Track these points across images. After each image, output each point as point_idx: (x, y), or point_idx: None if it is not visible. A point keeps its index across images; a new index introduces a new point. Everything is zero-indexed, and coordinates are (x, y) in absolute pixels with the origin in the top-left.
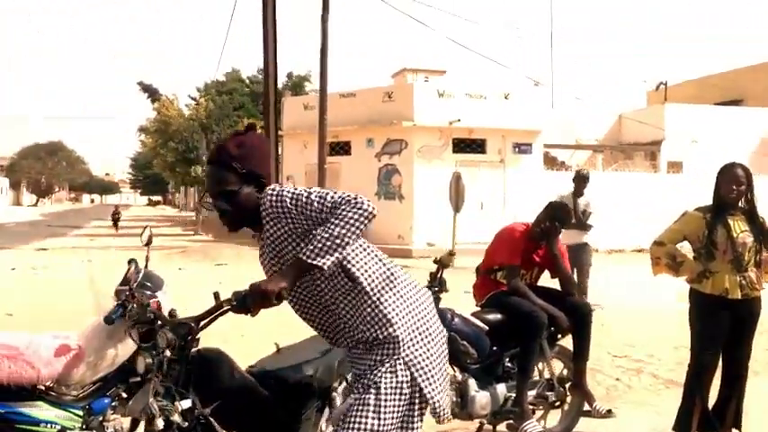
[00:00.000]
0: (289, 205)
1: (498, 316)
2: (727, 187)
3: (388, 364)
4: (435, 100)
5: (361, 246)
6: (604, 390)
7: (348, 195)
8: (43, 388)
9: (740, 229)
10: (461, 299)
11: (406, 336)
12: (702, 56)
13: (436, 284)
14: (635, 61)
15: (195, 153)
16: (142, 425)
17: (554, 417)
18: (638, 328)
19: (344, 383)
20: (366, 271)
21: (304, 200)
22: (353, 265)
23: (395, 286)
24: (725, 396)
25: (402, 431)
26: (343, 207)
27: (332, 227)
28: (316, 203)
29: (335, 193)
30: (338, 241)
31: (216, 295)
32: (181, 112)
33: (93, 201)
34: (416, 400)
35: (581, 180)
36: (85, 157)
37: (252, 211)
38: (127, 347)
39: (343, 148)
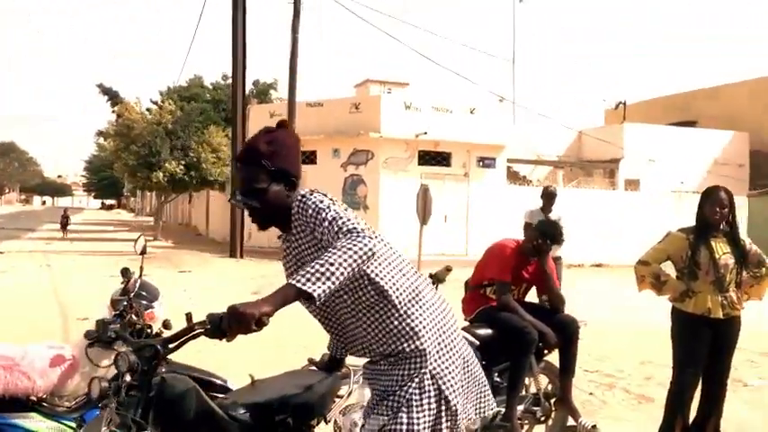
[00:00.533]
0: (310, 215)
1: (488, 331)
2: (711, 210)
3: (416, 380)
4: (402, 112)
5: (387, 260)
6: (580, 405)
7: (354, 227)
8: (35, 399)
9: (722, 250)
10: None
11: (432, 348)
12: (659, 75)
13: None
14: (593, 79)
15: (157, 158)
16: None
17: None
18: (605, 343)
19: (324, 422)
20: (394, 284)
21: (322, 216)
22: (381, 279)
23: (421, 299)
24: (704, 412)
25: None
26: (344, 238)
27: (329, 255)
28: (326, 224)
29: (348, 220)
30: (333, 269)
31: (188, 317)
32: (144, 116)
33: (44, 203)
34: (443, 413)
35: (549, 197)
36: (38, 158)
37: (281, 210)
38: None
39: (308, 158)
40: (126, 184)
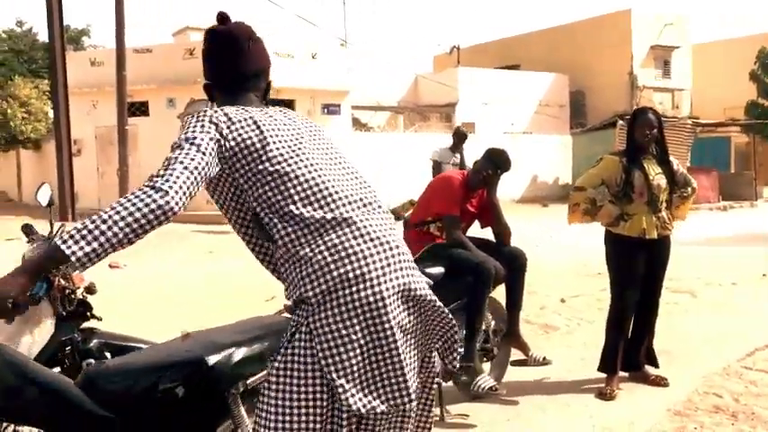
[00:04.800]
0: None
1: (440, 270)
2: (641, 132)
3: (288, 338)
4: None
5: (272, 187)
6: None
7: (163, 169)
8: None
9: (654, 171)
10: None
11: (319, 297)
12: (485, 19)
13: None
14: (423, 24)
15: None
16: None
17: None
18: None
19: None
20: (282, 218)
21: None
22: (266, 215)
23: (321, 234)
24: (638, 334)
25: None
26: (143, 187)
27: (112, 211)
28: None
29: (180, 151)
30: (104, 229)
31: None
32: None
33: None
34: (317, 387)
35: (461, 137)
36: None
37: None
38: (44, 332)
39: (139, 109)
40: None
